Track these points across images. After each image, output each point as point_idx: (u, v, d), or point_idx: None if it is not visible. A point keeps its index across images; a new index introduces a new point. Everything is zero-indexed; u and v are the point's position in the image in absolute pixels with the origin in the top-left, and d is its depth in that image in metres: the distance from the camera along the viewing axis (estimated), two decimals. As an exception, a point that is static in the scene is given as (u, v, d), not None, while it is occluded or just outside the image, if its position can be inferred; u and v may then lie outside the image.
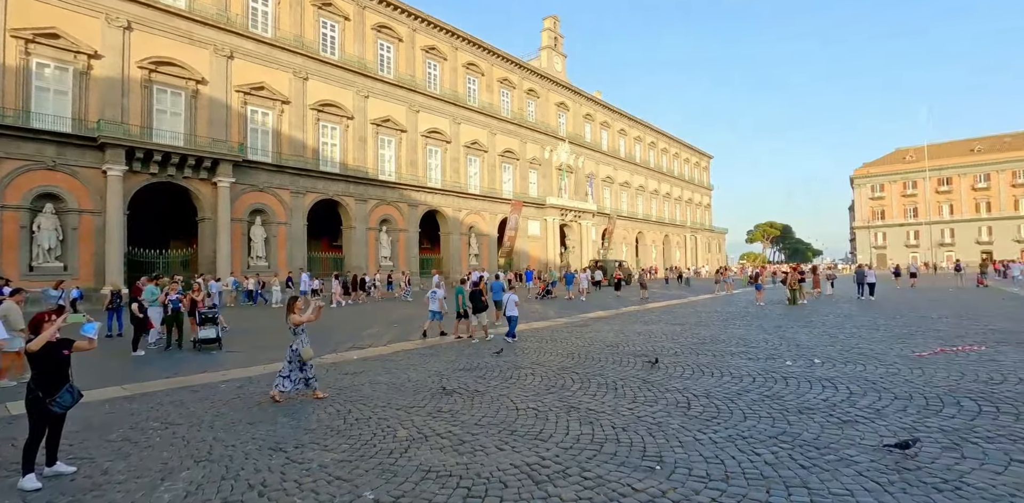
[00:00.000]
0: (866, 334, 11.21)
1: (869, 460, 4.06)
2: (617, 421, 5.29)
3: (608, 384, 6.99)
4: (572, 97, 54.75)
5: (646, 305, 20.91)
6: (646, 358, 8.68)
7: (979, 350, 8.74)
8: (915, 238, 76.23)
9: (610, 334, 12.24)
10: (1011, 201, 71.88)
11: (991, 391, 6.03)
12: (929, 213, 75.25)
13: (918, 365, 7.65)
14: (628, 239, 62.41)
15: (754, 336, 11.33)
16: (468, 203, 40.91)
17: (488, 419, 5.48)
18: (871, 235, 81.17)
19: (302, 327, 6.70)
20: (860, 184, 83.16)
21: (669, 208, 72.59)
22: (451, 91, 39.83)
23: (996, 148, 75.12)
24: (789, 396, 6.10)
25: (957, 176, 75.34)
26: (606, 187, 59.74)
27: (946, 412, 5.29)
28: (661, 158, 72.34)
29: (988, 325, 12.04)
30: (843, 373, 7.26)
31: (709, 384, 6.83)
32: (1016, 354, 8.30)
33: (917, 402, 5.68)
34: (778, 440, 4.59)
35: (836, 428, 4.87)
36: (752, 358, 8.64)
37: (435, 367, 8.57)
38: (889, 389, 6.27)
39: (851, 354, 8.77)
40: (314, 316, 6.86)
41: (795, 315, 15.79)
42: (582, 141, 55.54)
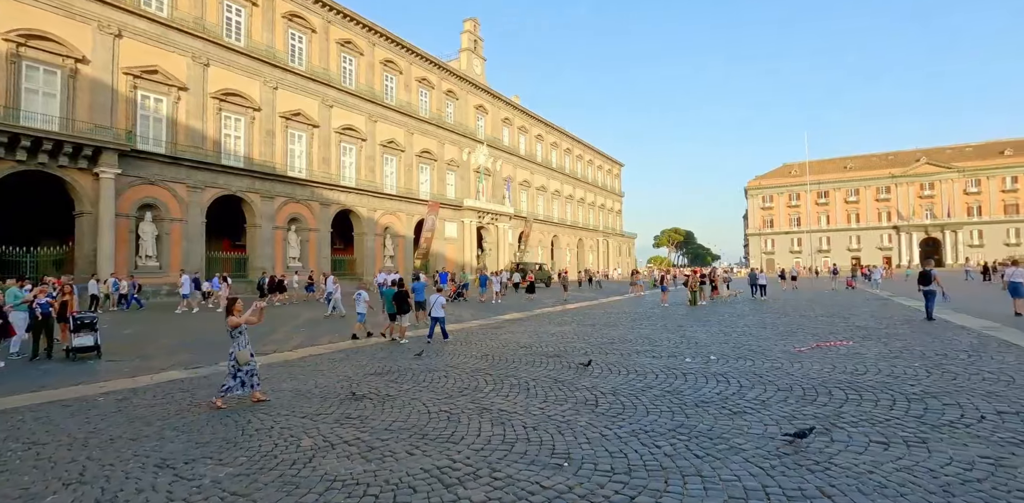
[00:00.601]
0: (755, 332, 12.21)
1: (755, 447, 4.42)
2: (528, 421, 5.38)
3: (521, 385, 7.09)
4: (491, 100, 55.16)
5: (566, 306, 21.52)
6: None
7: (847, 345, 9.81)
8: (798, 245, 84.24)
9: (524, 335, 12.43)
10: (875, 213, 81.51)
11: (856, 381, 6.78)
12: (809, 222, 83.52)
13: (798, 360, 8.45)
14: (544, 242, 63.80)
15: (658, 335, 11.98)
16: (384, 203, 39.95)
17: (399, 424, 5.37)
18: (762, 241, 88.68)
19: (240, 329, 6.38)
20: (753, 195, 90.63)
21: (583, 213, 75.07)
22: (367, 87, 38.75)
23: (865, 166, 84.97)
24: (687, 391, 6.51)
25: (833, 190, 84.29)
26: (523, 190, 60.71)
27: (820, 401, 5.88)
28: (576, 164, 74.68)
29: (855, 323, 13.54)
30: (735, 368, 7.86)
31: (616, 382, 7.13)
32: (877, 348, 9.39)
33: (796, 393, 6.27)
34: (676, 433, 4.88)
35: (728, 419, 5.26)
36: (656, 356, 9.13)
37: (345, 372, 8.27)
38: (773, 382, 6.87)
39: (742, 350, 9.51)
40: (255, 318, 6.62)
41: (695, 315, 16.88)
42: (500, 144, 56.09)
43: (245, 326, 6.51)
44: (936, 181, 78.14)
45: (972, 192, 76.35)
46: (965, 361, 7.90)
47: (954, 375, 6.97)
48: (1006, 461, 3.97)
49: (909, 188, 79.52)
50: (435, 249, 44.10)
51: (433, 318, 11.80)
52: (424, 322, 13.52)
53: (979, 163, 76.65)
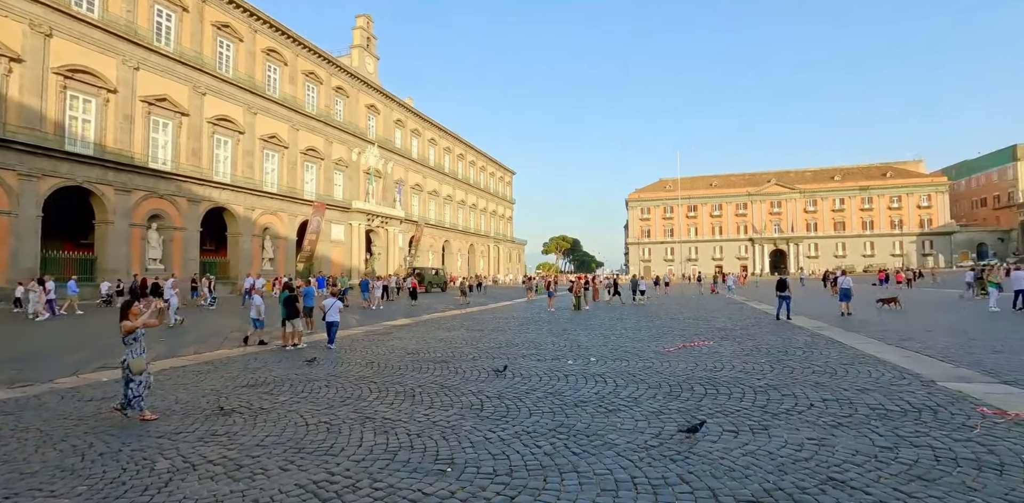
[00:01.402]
0: (631, 334, 13.10)
1: (626, 442, 4.74)
2: (412, 428, 5.31)
3: (406, 392, 6.98)
4: (383, 101, 53.90)
5: (465, 310, 21.54)
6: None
7: (708, 345, 10.86)
8: (671, 254, 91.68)
9: (411, 341, 12.24)
10: (735, 227, 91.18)
11: (714, 377, 7.53)
12: (681, 233, 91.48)
13: (667, 359, 9.20)
14: (435, 247, 63.34)
15: (544, 339, 12.40)
16: (264, 202, 37.33)
17: (272, 439, 5.04)
18: (640, 250, 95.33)
19: (135, 335, 5.77)
20: (633, 207, 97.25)
21: (475, 218, 75.67)
22: (247, 77, 36.08)
23: (727, 185, 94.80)
24: (568, 392, 6.82)
25: (701, 205, 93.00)
26: (415, 194, 59.90)
27: (683, 396, 6.46)
28: (469, 170, 75.19)
29: (715, 324, 15.03)
30: (612, 369, 8.37)
31: (502, 386, 7.27)
32: (732, 347, 10.50)
33: (664, 390, 6.83)
34: (556, 432, 5.09)
35: (603, 417, 5.59)
36: (540, 359, 9.45)
37: (212, 385, 7.59)
38: (645, 380, 7.42)
39: (619, 352, 10.15)
40: (155, 321, 6.10)
41: (579, 319, 17.71)
42: (392, 146, 54.94)
43: (143, 331, 5.89)
44: (783, 200, 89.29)
45: (810, 211, 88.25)
46: (800, 357, 9.11)
47: (792, 369, 8.00)
48: (827, 441, 4.63)
49: (762, 205, 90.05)
50: (320, 252, 41.98)
51: (328, 323, 11.45)
52: (316, 329, 12.85)
53: (815, 186, 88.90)
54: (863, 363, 8.35)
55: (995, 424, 5.00)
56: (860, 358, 8.83)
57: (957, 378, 7.07)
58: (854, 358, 8.84)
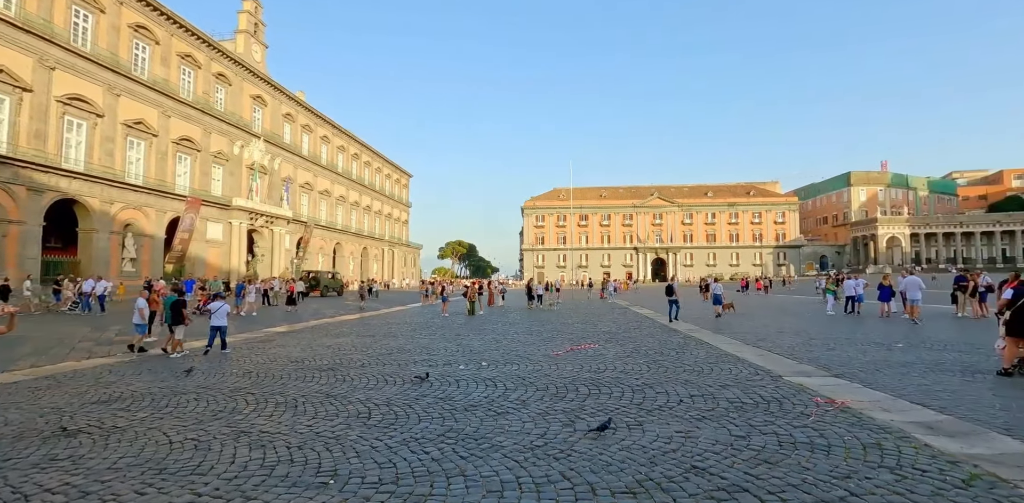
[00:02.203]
0: (523, 338, 13.44)
1: (513, 443, 4.87)
2: (293, 440, 5.04)
3: (288, 402, 6.60)
4: (272, 92, 50.70)
5: (358, 315, 20.72)
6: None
7: (594, 347, 11.45)
8: (564, 260, 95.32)
9: (295, 349, 11.60)
10: (622, 236, 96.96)
11: (598, 378, 7.96)
12: (573, 241, 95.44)
13: (555, 362, 9.56)
14: (326, 249, 60.50)
15: (436, 345, 12.33)
16: (125, 195, 33.40)
17: (128, 460, 4.53)
18: (535, 256, 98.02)
19: None
20: (528, 213, 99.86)
21: (369, 221, 73.40)
22: (109, 53, 32.19)
23: (615, 196, 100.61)
24: (459, 396, 6.85)
25: (591, 214, 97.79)
26: (304, 193, 56.87)
27: (569, 397, 6.76)
28: (364, 170, 72.87)
29: (601, 328, 15.87)
30: (503, 373, 8.53)
31: (392, 392, 7.13)
32: (615, 349, 11.16)
33: (551, 392, 7.09)
34: (445, 437, 5.10)
35: (492, 420, 5.69)
36: (432, 365, 9.38)
37: (53, 402, 6.65)
38: (534, 383, 7.65)
39: (510, 356, 10.37)
40: (4, 327, 5.51)
41: (472, 324, 17.82)
42: (280, 141, 51.78)
43: None
44: (664, 212, 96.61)
45: (687, 223, 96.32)
46: (674, 357, 9.91)
47: (666, 369, 8.68)
48: (692, 433, 5.09)
49: (645, 217, 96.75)
50: (194, 253, 38.37)
51: (213, 328, 10.87)
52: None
53: (691, 201, 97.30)
54: (725, 362, 9.28)
55: (826, 412, 5.80)
56: (723, 357, 9.79)
57: (799, 373, 8.10)
58: (718, 357, 9.79)
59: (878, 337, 12.41)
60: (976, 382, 7.27)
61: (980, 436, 4.88)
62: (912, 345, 10.92)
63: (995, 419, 5.44)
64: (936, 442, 4.71)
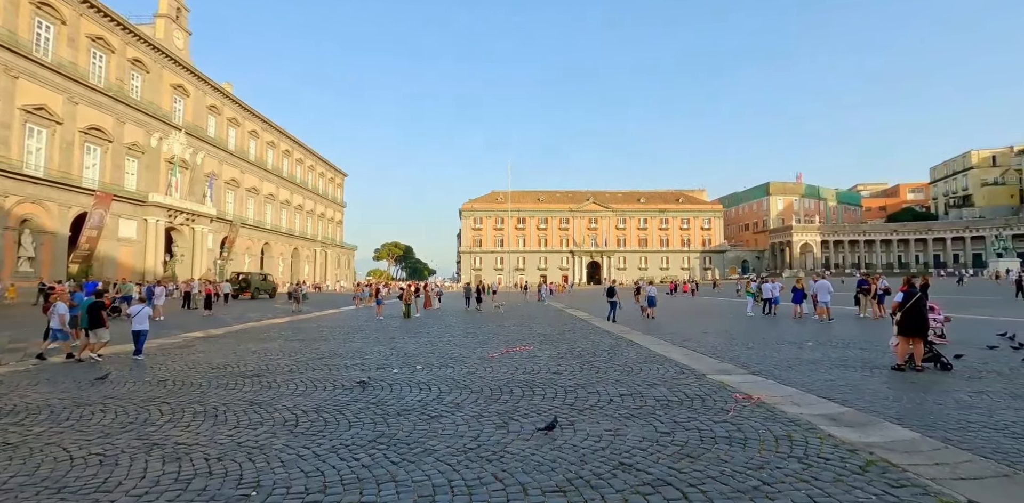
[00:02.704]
0: (459, 341, 13.38)
1: (446, 447, 4.84)
2: (212, 452, 4.77)
3: (207, 412, 6.24)
4: (195, 82, 47.87)
5: (287, 318, 19.85)
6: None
7: (529, 349, 11.57)
8: (501, 263, 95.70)
9: (218, 355, 10.98)
10: (559, 239, 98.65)
11: (531, 380, 8.06)
12: (510, 244, 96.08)
13: (490, 364, 9.59)
14: (253, 250, 57.70)
15: (370, 348, 12.05)
16: (22, 187, 30.45)
17: (20, 479, 4.12)
18: (472, 259, 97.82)
19: None
20: (466, 216, 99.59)
21: (301, 220, 70.71)
22: (6, 31, 29.26)
23: (552, 200, 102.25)
24: (392, 401, 6.73)
25: (529, 217, 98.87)
26: (230, 191, 54.03)
27: (503, 399, 6.80)
28: (296, 168, 70.18)
29: (536, 330, 16.07)
30: (437, 376, 8.46)
31: (321, 398, 6.90)
32: (550, 351, 11.33)
33: (485, 394, 7.11)
34: (376, 443, 4.99)
35: (425, 424, 5.63)
36: (365, 369, 9.16)
37: (-73, 418, 5.93)
38: (468, 386, 7.64)
39: (446, 359, 10.30)
40: None
41: (408, 327, 17.54)
42: (204, 135, 48.96)
43: None
44: (599, 217, 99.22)
45: (621, 228, 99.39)
46: (606, 358, 10.19)
47: (597, 369, 8.92)
48: (621, 431, 5.26)
49: (581, 221, 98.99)
50: (103, 252, 35.47)
51: (135, 332, 10.36)
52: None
53: (625, 206, 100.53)
54: (654, 361, 9.65)
55: (744, 407, 6.16)
56: (652, 357, 10.18)
57: (720, 371, 8.56)
58: (648, 357, 10.16)
59: (791, 336, 13.32)
60: (874, 377, 7.96)
61: (876, 426, 5.36)
62: (820, 343, 11.80)
63: (888, 410, 5.98)
64: (838, 432, 5.12)
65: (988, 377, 7.76)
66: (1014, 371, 8.17)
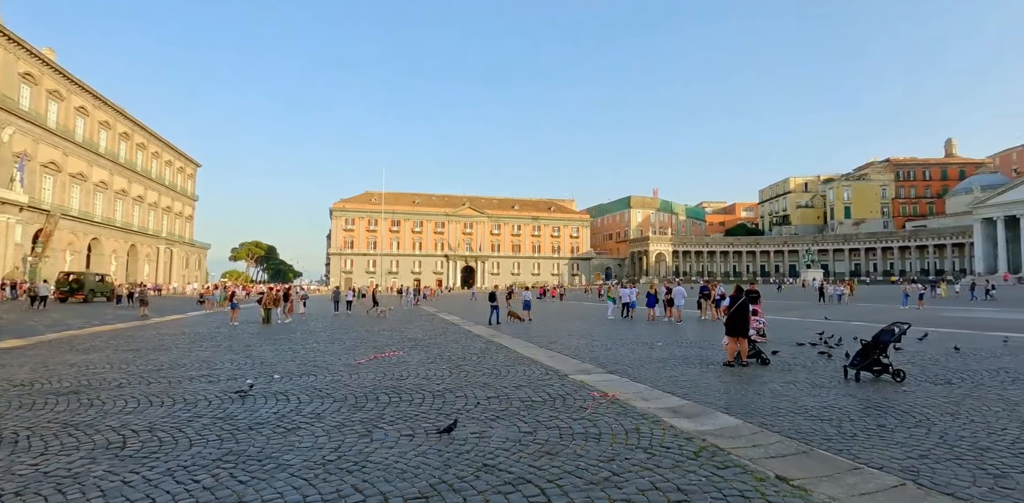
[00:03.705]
0: (324, 348, 12.70)
1: (303, 461, 4.56)
2: (8, 486, 4.02)
3: (6, 438, 5.24)
4: (4, 44, 40.30)
5: (118, 325, 17.19)
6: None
7: (399, 355, 11.33)
8: (374, 266, 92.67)
9: (23, 370, 9.29)
10: (434, 243, 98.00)
11: (399, 386, 7.90)
12: (384, 246, 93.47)
13: (356, 371, 9.23)
14: (77, 246, 49.76)
15: (220, 357, 10.99)
16: None
17: None
18: (342, 261, 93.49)
19: None
20: (338, 216, 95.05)
21: (141, 214, 62.47)
22: None
23: (428, 203, 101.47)
24: (243, 414, 6.19)
25: (404, 220, 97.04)
26: (49, 175, 46.18)
27: (368, 407, 6.58)
28: (136, 154, 61.97)
29: (408, 335, 15.80)
30: (297, 385, 7.95)
31: (156, 415, 6.14)
32: (420, 355, 11.20)
33: (350, 402, 6.82)
34: (223, 461, 4.56)
35: (281, 437, 5.26)
36: (213, 381, 8.33)
37: None
38: (331, 394, 7.28)
39: (308, 367, 9.72)
40: None
41: (267, 334, 16.27)
42: (14, 107, 41.37)
43: None
44: (474, 222, 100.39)
45: (495, 233, 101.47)
46: (475, 362, 10.31)
47: (467, 373, 9.00)
48: (486, 433, 5.35)
49: (457, 225, 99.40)
50: None
51: None
52: None
53: (500, 212, 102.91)
54: (521, 364, 9.97)
55: (600, 404, 6.60)
56: (520, 360, 10.51)
57: (581, 371, 9.09)
58: (515, 360, 10.47)
59: (645, 338, 14.57)
60: (709, 372, 8.99)
61: (708, 415, 6.05)
62: (669, 344, 13.05)
63: (719, 401, 6.79)
64: (678, 423, 5.69)
65: (796, 369, 9.15)
66: (815, 364, 9.73)
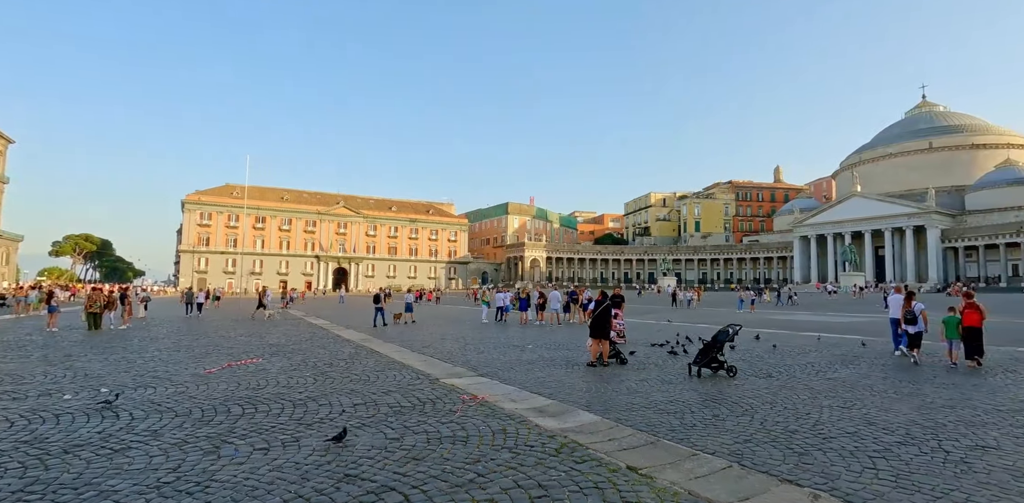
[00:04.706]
0: (167, 356, 11.34)
1: (132, 485, 4.02)
2: None
3: None
4: None
5: None
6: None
7: (257, 362, 10.47)
8: (233, 265, 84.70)
9: None
10: (303, 243, 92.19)
11: (256, 395, 7.29)
12: (246, 245, 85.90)
13: (205, 381, 8.36)
14: None
15: (30, 370, 9.34)
16: None
17: None
18: (196, 259, 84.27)
19: None
20: (191, 209, 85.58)
21: (-76, 197, 51.08)
22: None
23: (299, 200, 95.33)
24: (57, 436, 5.31)
25: (270, 217, 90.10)
26: None
27: (217, 420, 5.99)
28: (-78, 124, 50.58)
29: (269, 341, 14.65)
30: (131, 399, 7.00)
31: (-67, 442, 5.04)
32: (281, 362, 10.44)
33: (195, 416, 6.16)
34: (24, 494, 3.86)
35: (105, 460, 4.59)
36: (19, 397, 7.06)
37: None
38: (172, 408, 6.52)
39: (145, 378, 8.61)
40: None
41: (95, 342, 14.15)
42: None
43: None
44: (349, 222, 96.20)
45: (371, 235, 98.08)
46: (343, 367, 9.87)
47: (333, 380, 8.57)
48: (350, 442, 5.14)
49: (330, 225, 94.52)
50: None
51: None
52: None
53: (377, 213, 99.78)
54: (392, 369, 9.73)
55: (469, 407, 6.66)
56: (391, 365, 10.25)
57: (453, 375, 9.10)
58: (386, 365, 10.20)
59: (516, 341, 14.97)
60: (574, 373, 9.49)
61: (571, 414, 6.38)
62: (539, 346, 13.55)
63: (581, 400, 7.19)
64: (543, 422, 5.93)
65: (649, 368, 9.99)
66: (665, 362, 10.70)
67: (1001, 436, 5.42)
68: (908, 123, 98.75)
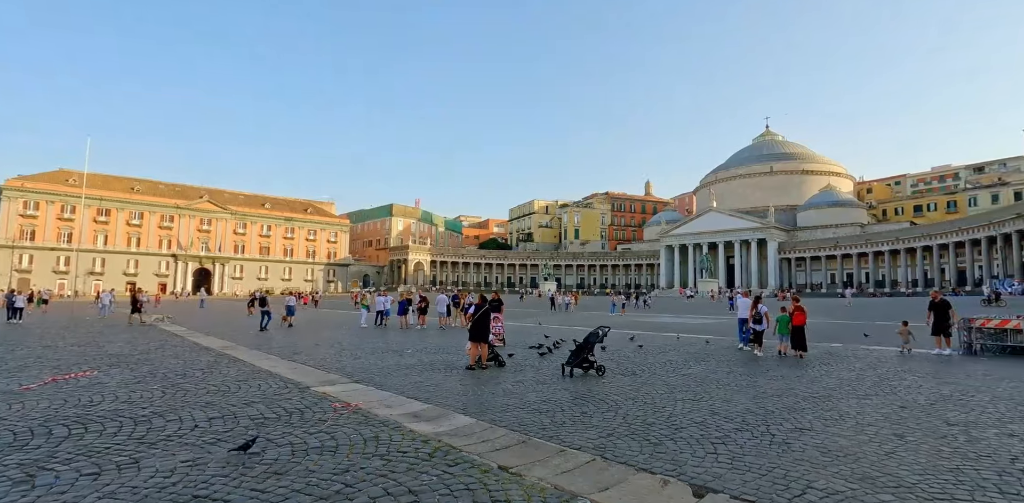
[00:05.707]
0: (-32, 371, 9.51)
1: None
2: None
3: None
4: None
5: None
6: None
7: (91, 375, 9.15)
8: (66, 265, 73.26)
9: None
10: (157, 240, 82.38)
11: (87, 413, 6.37)
12: (85, 240, 74.77)
13: (21, 399, 7.14)
14: None
15: None
16: None
17: None
18: (17, 256, 71.69)
19: None
20: (11, 197, 72.71)
21: None
22: None
23: (152, 192, 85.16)
24: None
25: (116, 209, 79.39)
26: None
27: (33, 443, 5.14)
28: None
29: (109, 350, 12.88)
30: (-88, 424, 5.77)
31: None
32: (122, 375, 9.23)
33: (5, 439, 5.23)
34: None
35: None
36: None
37: None
38: (-28, 433, 5.48)
39: (-65, 398, 7.14)
40: None
41: None
42: None
43: None
44: (214, 218, 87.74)
45: (240, 233, 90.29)
46: (199, 378, 8.96)
47: (185, 392, 7.75)
48: (202, 460, 4.69)
49: (191, 220, 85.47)
50: None
51: None
52: None
53: (247, 209, 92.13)
54: (257, 378, 9.03)
55: (341, 415, 6.39)
56: (256, 374, 9.51)
57: (325, 382, 8.67)
58: (250, 374, 9.44)
59: (395, 345, 14.65)
60: (452, 376, 9.49)
61: (447, 417, 6.37)
62: (418, 350, 13.37)
63: (457, 403, 7.22)
64: (418, 427, 5.87)
65: (526, 369, 10.30)
66: (540, 363, 11.10)
67: (814, 419, 6.36)
68: (755, 148, 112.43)
